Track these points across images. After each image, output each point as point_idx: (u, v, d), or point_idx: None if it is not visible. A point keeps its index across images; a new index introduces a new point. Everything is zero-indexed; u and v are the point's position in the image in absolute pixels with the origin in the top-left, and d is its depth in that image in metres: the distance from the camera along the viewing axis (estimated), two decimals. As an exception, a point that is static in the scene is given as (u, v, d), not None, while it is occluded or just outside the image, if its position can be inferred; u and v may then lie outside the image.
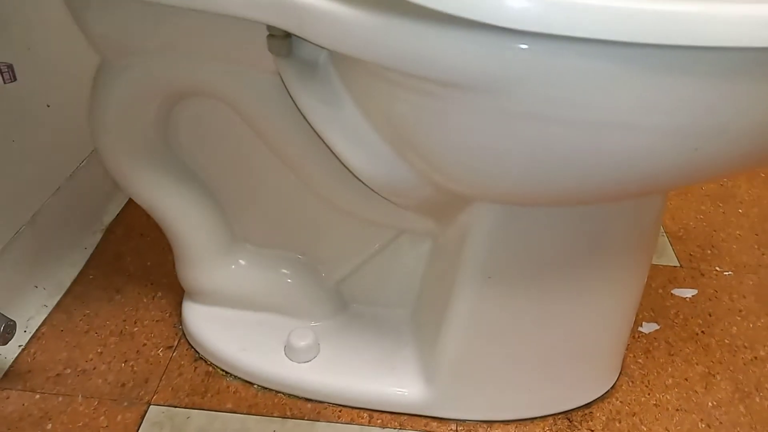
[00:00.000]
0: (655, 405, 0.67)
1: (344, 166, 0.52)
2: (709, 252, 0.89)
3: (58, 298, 0.76)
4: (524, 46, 0.37)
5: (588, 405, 0.66)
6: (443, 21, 0.38)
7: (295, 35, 0.46)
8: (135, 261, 0.83)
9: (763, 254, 0.89)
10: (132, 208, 0.91)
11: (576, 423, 0.65)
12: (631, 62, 0.37)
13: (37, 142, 0.75)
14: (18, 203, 0.73)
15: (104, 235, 0.87)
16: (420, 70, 0.41)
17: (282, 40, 0.48)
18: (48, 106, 0.76)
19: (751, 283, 0.84)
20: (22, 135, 0.72)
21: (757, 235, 0.93)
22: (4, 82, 0.53)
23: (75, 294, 0.77)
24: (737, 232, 0.94)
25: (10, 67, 0.53)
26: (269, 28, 0.48)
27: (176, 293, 0.77)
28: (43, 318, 0.74)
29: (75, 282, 0.79)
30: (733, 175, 1.02)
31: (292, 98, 0.51)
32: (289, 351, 0.66)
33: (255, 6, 0.44)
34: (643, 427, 0.65)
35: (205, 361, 0.69)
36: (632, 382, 0.69)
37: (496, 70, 0.39)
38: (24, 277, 0.75)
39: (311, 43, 0.44)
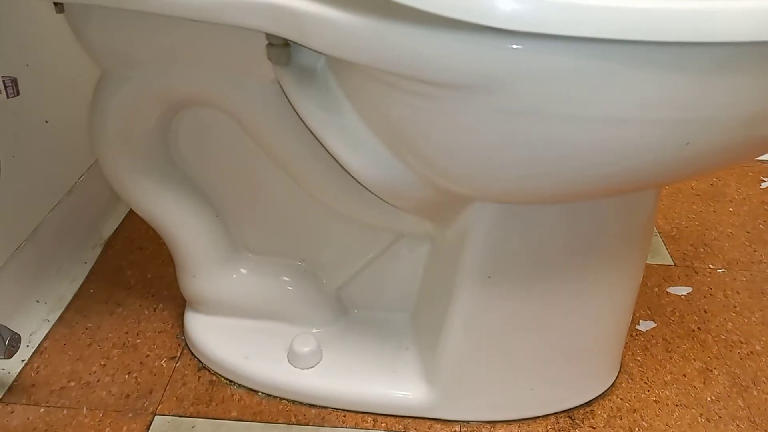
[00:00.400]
0: (654, 401, 0.68)
1: (344, 170, 0.53)
2: (702, 250, 0.91)
3: (59, 313, 0.77)
4: (516, 46, 0.38)
5: (589, 403, 0.67)
6: (437, 23, 0.39)
7: (294, 43, 0.47)
8: (135, 274, 0.83)
9: (754, 251, 0.91)
10: (131, 221, 0.92)
11: (578, 421, 0.65)
12: (622, 59, 0.38)
13: (36, 158, 0.76)
14: (18, 219, 0.74)
15: (104, 249, 0.87)
16: (416, 72, 0.42)
17: (281, 48, 0.49)
18: (47, 122, 0.76)
19: (744, 279, 0.85)
20: (22, 151, 0.73)
21: (747, 232, 0.95)
22: (8, 97, 0.54)
23: (76, 308, 0.77)
24: (728, 231, 0.95)
25: (14, 81, 0.54)
26: (268, 36, 0.49)
27: (177, 304, 0.77)
28: (45, 332, 0.74)
29: (76, 296, 0.79)
30: (724, 168, 1.04)
31: (291, 105, 0.52)
32: (292, 357, 0.66)
33: (254, 15, 0.45)
34: (644, 423, 0.65)
35: (209, 370, 0.69)
36: (632, 379, 0.70)
37: (490, 71, 0.40)
38: (25, 292, 0.75)
39: (310, 49, 0.45)
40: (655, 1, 0.36)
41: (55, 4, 0.53)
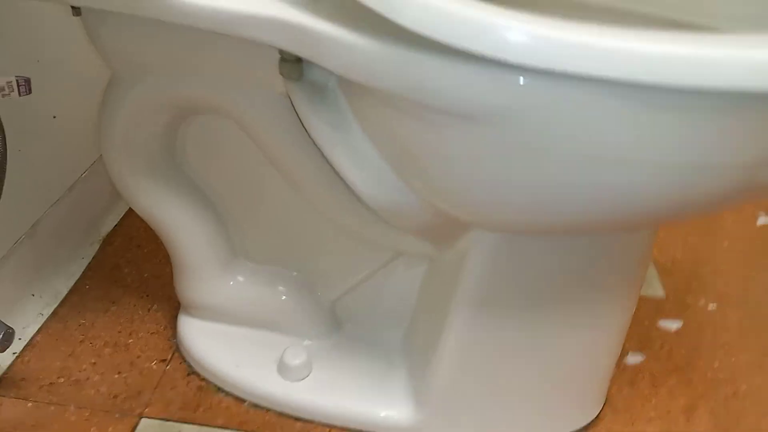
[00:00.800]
0: (638, 436, 0.68)
1: (348, 187, 0.54)
2: (694, 285, 0.91)
3: (54, 307, 0.77)
4: (523, 80, 0.39)
5: (573, 433, 0.68)
6: (450, 54, 0.39)
7: (307, 60, 0.48)
8: (132, 273, 0.83)
9: (746, 289, 0.91)
10: (130, 219, 0.92)
11: (561, 450, 0.66)
12: (626, 99, 0.38)
13: (40, 154, 0.76)
14: (18, 213, 0.74)
15: (102, 246, 0.87)
16: (424, 99, 0.42)
17: (293, 64, 0.50)
18: (54, 117, 0.77)
19: (734, 317, 0.85)
20: (28, 145, 0.73)
21: (741, 269, 0.95)
22: (20, 95, 0.55)
23: (71, 304, 0.78)
24: (723, 266, 0.95)
25: (27, 81, 0.55)
26: (281, 51, 0.50)
27: (172, 306, 0.77)
28: (39, 326, 0.74)
29: (71, 292, 0.79)
30: (724, 210, 1.04)
31: (300, 119, 0.53)
32: (282, 369, 0.67)
33: (270, 31, 0.46)
34: (626, 456, 0.66)
35: (198, 376, 0.70)
36: (616, 412, 0.70)
37: (495, 103, 0.40)
38: (21, 286, 0.75)
39: (322, 68, 0.46)
40: (663, 45, 0.36)
41: (73, 7, 0.53)
